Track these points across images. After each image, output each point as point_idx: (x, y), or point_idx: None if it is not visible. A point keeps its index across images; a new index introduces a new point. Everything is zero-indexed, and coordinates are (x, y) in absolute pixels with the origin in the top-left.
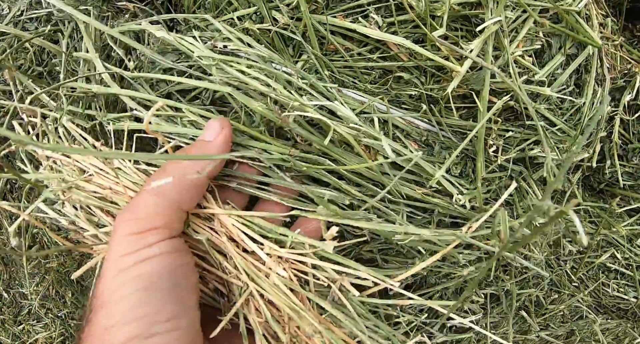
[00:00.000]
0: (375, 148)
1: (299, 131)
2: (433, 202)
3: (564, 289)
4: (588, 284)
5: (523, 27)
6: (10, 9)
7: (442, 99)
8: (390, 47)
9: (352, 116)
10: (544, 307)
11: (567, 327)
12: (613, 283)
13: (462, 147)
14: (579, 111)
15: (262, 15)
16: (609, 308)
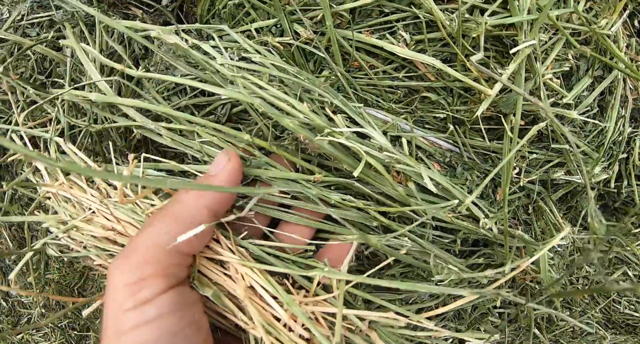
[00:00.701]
0: (407, 174)
1: (333, 152)
2: (462, 226)
3: (576, 306)
4: (599, 300)
5: (553, 49)
6: (11, 13)
7: (469, 121)
8: (418, 66)
9: (386, 143)
10: (555, 323)
11: (577, 342)
12: (624, 300)
13: (492, 175)
14: (601, 133)
15: (283, 28)
16: (618, 324)
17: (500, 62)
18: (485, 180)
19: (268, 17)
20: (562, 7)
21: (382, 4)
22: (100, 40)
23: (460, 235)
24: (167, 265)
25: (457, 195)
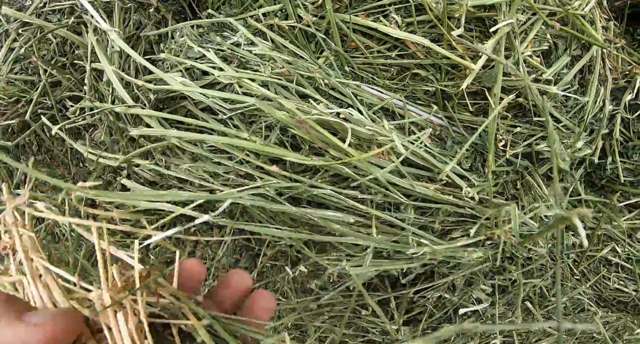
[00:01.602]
0: (390, 150)
1: (319, 133)
2: (444, 200)
3: (567, 282)
4: (589, 277)
5: (532, 29)
6: (33, 0)
7: (456, 96)
8: (409, 45)
9: (366, 119)
10: (547, 299)
11: (569, 319)
12: (614, 276)
13: (472, 139)
14: (582, 109)
15: (287, 12)
16: (610, 302)
17: (483, 40)
18: (465, 145)
19: (274, 2)
20: None
21: None
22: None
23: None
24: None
25: (437, 165)
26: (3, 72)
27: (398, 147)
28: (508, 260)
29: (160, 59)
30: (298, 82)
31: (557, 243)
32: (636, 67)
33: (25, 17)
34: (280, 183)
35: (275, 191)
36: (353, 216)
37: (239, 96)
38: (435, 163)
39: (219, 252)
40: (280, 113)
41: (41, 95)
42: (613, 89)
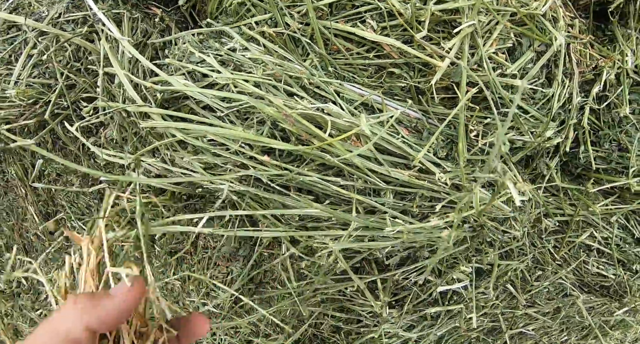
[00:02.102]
0: (367, 139)
1: (304, 126)
2: (418, 185)
3: (548, 267)
4: (570, 262)
5: (496, 29)
6: (49, 11)
7: (428, 91)
8: (384, 47)
9: (342, 112)
10: (530, 283)
11: (553, 304)
12: (593, 261)
13: (442, 128)
14: (550, 101)
15: (276, 20)
16: (592, 287)
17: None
18: (436, 132)
19: (265, 12)
20: None
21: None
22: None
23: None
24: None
25: (411, 152)
26: (23, 76)
27: (368, 134)
28: (488, 245)
29: (165, 63)
30: (286, 82)
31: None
32: (604, 61)
33: (44, 26)
34: (271, 171)
35: (268, 178)
36: (336, 205)
37: (234, 95)
38: (409, 151)
39: (220, 242)
40: (269, 109)
41: (58, 97)
42: (583, 82)
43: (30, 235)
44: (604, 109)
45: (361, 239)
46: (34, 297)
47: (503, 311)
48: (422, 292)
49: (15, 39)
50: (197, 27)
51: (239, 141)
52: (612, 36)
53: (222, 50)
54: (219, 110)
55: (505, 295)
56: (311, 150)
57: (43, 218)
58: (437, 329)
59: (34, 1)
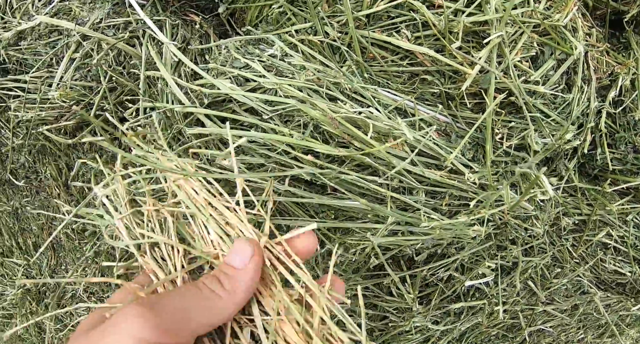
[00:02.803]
0: (405, 143)
1: (347, 128)
2: (449, 184)
3: (566, 264)
4: (588, 260)
5: (520, 39)
6: (90, 17)
7: (458, 96)
8: (417, 55)
9: (381, 116)
10: (549, 280)
11: (571, 301)
12: (610, 259)
13: (471, 132)
14: (569, 105)
15: (316, 29)
16: (609, 284)
17: (480, 51)
18: (466, 136)
19: (305, 21)
20: (526, 6)
21: (389, 10)
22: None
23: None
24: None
25: (443, 153)
26: (66, 79)
27: (409, 139)
28: (510, 242)
29: (208, 68)
30: (327, 87)
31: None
32: (619, 67)
33: (88, 31)
34: (314, 170)
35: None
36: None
37: (281, 98)
38: (441, 153)
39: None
40: (315, 112)
41: (101, 99)
42: (600, 87)
43: (60, 234)
44: (620, 113)
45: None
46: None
47: (523, 308)
48: (447, 288)
49: (57, 43)
50: (236, 34)
51: (284, 143)
52: (627, 44)
53: (264, 56)
54: (264, 113)
55: (525, 292)
56: (353, 154)
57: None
58: (461, 325)
59: (74, 7)
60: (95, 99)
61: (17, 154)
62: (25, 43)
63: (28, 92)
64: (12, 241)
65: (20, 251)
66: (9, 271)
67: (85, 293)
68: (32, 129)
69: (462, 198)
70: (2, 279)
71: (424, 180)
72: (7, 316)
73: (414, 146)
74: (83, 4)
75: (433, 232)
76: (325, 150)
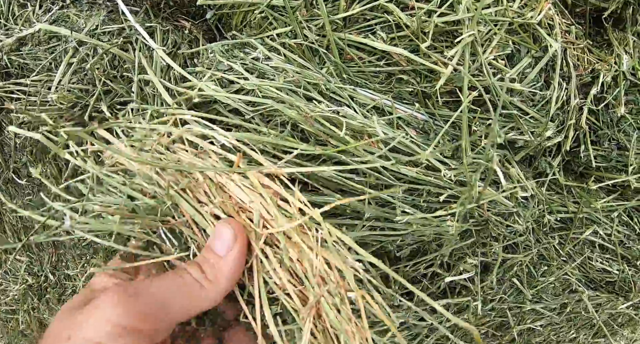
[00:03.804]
0: (380, 140)
1: (322, 127)
2: (426, 180)
3: (553, 262)
4: (575, 258)
5: (494, 38)
6: (86, 23)
7: (434, 95)
8: (393, 55)
9: (356, 115)
10: (536, 278)
11: (560, 300)
12: (597, 257)
13: (446, 128)
14: (548, 103)
15: (296, 32)
16: (598, 283)
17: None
18: (441, 131)
19: (285, 25)
20: (499, 5)
21: (365, 13)
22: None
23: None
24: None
25: (419, 151)
26: (64, 83)
27: (380, 136)
28: (493, 239)
29: (195, 71)
30: (305, 88)
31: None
32: (600, 64)
33: (85, 38)
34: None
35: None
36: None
37: (260, 99)
38: (417, 150)
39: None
40: (290, 111)
41: (96, 101)
42: (582, 84)
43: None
44: (602, 109)
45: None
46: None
47: (511, 306)
48: (432, 284)
49: (56, 48)
50: (223, 38)
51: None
52: (609, 41)
53: (247, 59)
54: (246, 113)
55: (512, 290)
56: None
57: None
58: (447, 323)
59: (72, 14)
60: (91, 101)
61: (20, 154)
62: (26, 49)
63: (29, 94)
64: (14, 238)
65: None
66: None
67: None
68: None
69: (440, 195)
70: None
71: (402, 177)
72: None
73: (389, 143)
74: (80, 11)
75: (410, 227)
76: (303, 148)
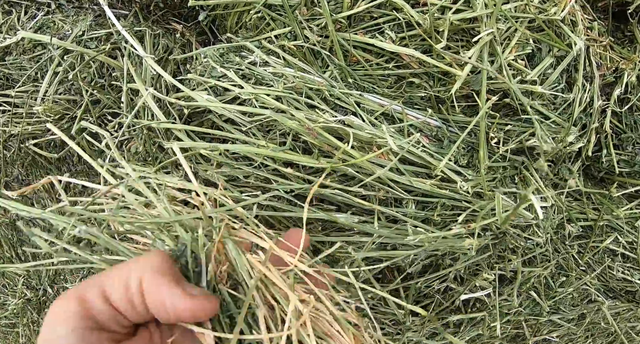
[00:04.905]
0: (389, 151)
1: (326, 139)
2: (440, 194)
3: (572, 273)
4: (595, 267)
5: (514, 36)
6: (72, 29)
7: (448, 99)
8: (403, 57)
9: (364, 124)
10: (554, 290)
11: (578, 310)
12: (618, 266)
13: (464, 136)
14: (570, 106)
15: (296, 33)
16: (618, 292)
17: (470, 49)
18: (457, 141)
19: (284, 26)
20: (519, 0)
21: (371, 11)
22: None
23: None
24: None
25: (432, 162)
26: (50, 93)
27: (393, 147)
28: (510, 251)
29: (188, 78)
30: (307, 95)
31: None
32: (624, 63)
33: (68, 45)
34: (293, 185)
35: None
36: (358, 216)
37: (256, 109)
38: (430, 160)
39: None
40: (291, 122)
41: (84, 112)
42: (604, 85)
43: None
44: (626, 111)
45: (383, 248)
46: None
47: (527, 318)
48: (445, 300)
49: (41, 57)
50: (217, 41)
51: (262, 156)
52: (632, 37)
53: (243, 64)
54: (242, 124)
55: (528, 302)
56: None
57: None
58: (460, 337)
59: (57, 20)
60: (78, 112)
61: (11, 167)
62: (10, 58)
63: (16, 106)
64: (11, 251)
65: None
66: (9, 281)
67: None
68: (22, 143)
69: (455, 208)
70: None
71: (413, 190)
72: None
73: (399, 154)
74: (66, 16)
75: (423, 245)
76: (305, 162)
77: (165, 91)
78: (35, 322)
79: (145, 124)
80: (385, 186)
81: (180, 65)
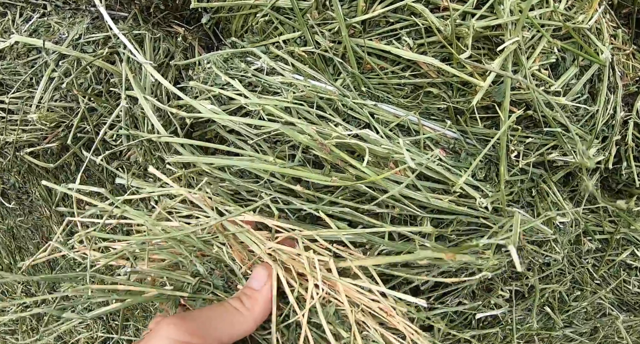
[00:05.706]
0: (405, 165)
1: (340, 155)
2: (458, 211)
3: (586, 287)
4: (610, 281)
5: (539, 45)
6: (69, 32)
7: (468, 111)
8: (421, 65)
9: (380, 138)
10: (568, 304)
11: (591, 324)
12: (634, 280)
13: (485, 151)
14: (593, 117)
15: (306, 39)
16: (632, 306)
17: (493, 59)
18: (478, 156)
19: (293, 30)
20: (545, 7)
21: (388, 15)
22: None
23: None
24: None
25: (450, 177)
26: (45, 100)
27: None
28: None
29: (188, 86)
30: (318, 105)
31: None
32: None
33: (64, 49)
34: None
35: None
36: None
37: (263, 122)
38: (448, 176)
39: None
40: (302, 137)
41: (80, 120)
42: (625, 95)
43: (56, 253)
44: None
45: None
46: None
47: (539, 332)
48: (457, 315)
49: (36, 61)
50: (221, 45)
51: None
52: None
53: (249, 71)
54: (248, 136)
55: (541, 316)
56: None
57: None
58: None
59: (53, 23)
60: (75, 121)
61: (7, 175)
62: (4, 63)
63: (10, 112)
64: (10, 258)
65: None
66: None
67: (85, 310)
68: (18, 150)
69: (470, 224)
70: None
71: (429, 206)
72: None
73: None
74: (63, 19)
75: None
76: (316, 178)
77: (167, 98)
78: (34, 329)
79: (143, 137)
80: (399, 203)
81: (182, 70)
